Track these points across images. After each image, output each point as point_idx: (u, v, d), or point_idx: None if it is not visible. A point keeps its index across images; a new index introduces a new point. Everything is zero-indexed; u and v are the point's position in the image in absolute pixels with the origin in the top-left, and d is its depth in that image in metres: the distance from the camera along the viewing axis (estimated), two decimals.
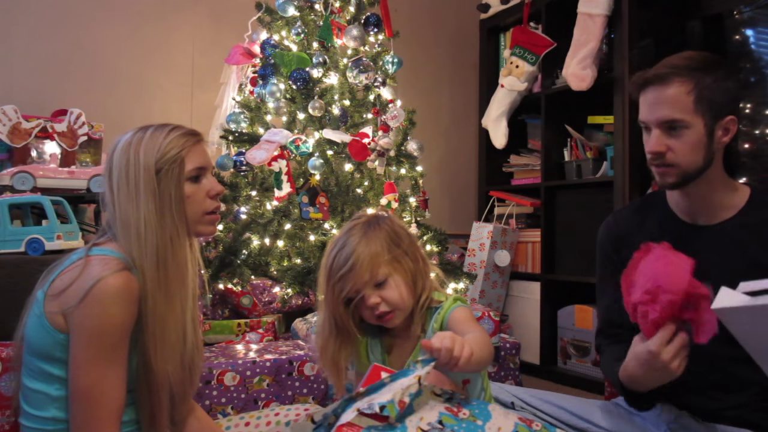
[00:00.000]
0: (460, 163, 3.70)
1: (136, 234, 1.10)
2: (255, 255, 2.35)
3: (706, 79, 1.24)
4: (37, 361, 1.07)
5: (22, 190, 2.00)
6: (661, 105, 1.25)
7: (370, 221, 1.25)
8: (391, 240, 1.22)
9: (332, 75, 2.48)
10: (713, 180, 1.31)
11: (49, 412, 1.07)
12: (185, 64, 3.01)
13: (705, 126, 1.25)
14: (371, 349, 1.30)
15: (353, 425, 0.92)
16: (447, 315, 1.23)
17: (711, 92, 1.24)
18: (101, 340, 1.02)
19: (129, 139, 1.15)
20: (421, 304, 1.24)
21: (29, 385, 1.08)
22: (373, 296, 1.19)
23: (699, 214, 1.35)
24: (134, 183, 1.11)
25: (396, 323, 1.24)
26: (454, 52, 3.72)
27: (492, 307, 3.14)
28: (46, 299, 1.07)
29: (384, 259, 1.19)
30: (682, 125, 1.24)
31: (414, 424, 0.94)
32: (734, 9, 2.69)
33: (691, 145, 1.25)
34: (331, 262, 1.21)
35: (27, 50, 2.68)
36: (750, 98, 2.64)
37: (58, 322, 1.05)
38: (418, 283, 1.24)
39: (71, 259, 1.10)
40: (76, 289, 1.03)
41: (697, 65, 1.25)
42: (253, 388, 1.64)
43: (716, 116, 1.26)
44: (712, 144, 1.27)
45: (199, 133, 1.21)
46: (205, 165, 1.18)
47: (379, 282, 1.19)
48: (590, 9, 2.83)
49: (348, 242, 1.20)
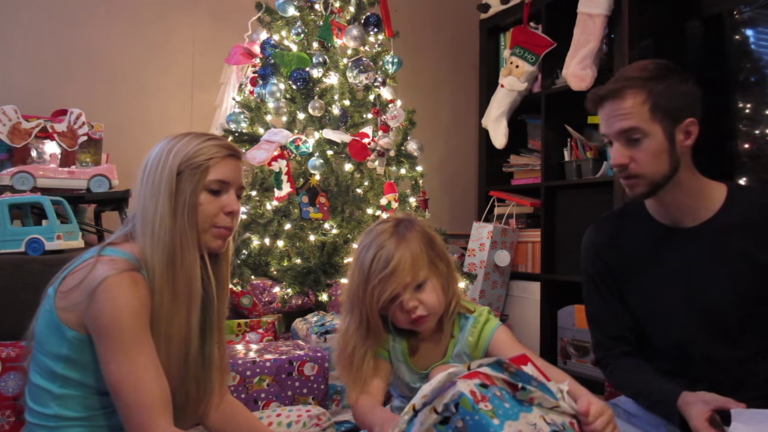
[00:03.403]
0: (460, 163, 3.70)
1: (151, 230, 1.12)
2: (255, 255, 2.35)
3: (659, 86, 1.26)
4: (43, 357, 1.09)
5: (22, 190, 2.00)
6: (618, 117, 1.28)
7: (401, 223, 1.24)
8: (427, 242, 1.23)
9: (332, 75, 2.48)
10: (685, 183, 1.32)
11: (51, 409, 1.07)
12: (185, 64, 3.00)
13: (664, 132, 1.27)
14: (392, 350, 1.29)
15: (488, 376, 0.94)
16: (490, 335, 1.23)
17: (665, 98, 1.26)
18: (118, 330, 1.03)
19: (170, 140, 1.18)
20: (451, 310, 1.24)
21: (34, 381, 1.10)
22: (412, 300, 1.19)
23: (679, 217, 1.36)
24: (159, 181, 1.13)
25: (429, 327, 1.24)
26: (454, 52, 3.72)
27: (492, 307, 3.14)
28: (56, 296, 1.08)
29: (424, 262, 1.19)
30: (641, 134, 1.26)
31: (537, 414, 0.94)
32: (734, 9, 2.69)
33: (653, 153, 1.27)
34: (369, 265, 1.18)
35: (27, 50, 2.68)
36: (750, 98, 2.64)
37: (68, 319, 1.06)
38: (450, 287, 1.24)
39: (83, 258, 1.11)
40: (84, 287, 1.04)
41: (649, 75, 1.28)
42: (253, 388, 1.64)
43: (674, 121, 1.27)
44: (675, 149, 1.28)
45: (238, 150, 1.21)
46: (229, 180, 1.18)
47: (419, 284, 1.19)
48: (590, 9, 2.83)
49: (386, 245, 1.19)
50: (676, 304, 1.35)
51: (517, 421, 0.90)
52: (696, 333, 1.33)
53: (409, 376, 1.29)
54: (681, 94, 1.27)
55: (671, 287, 1.35)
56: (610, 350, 1.44)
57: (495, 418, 0.89)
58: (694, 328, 1.33)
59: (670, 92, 1.26)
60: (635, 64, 1.35)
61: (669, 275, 1.36)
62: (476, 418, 0.88)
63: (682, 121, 1.28)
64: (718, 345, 1.32)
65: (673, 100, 1.26)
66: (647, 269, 1.39)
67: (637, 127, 1.26)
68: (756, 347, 1.30)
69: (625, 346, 1.43)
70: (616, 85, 1.29)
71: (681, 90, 1.28)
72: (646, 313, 1.41)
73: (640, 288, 1.40)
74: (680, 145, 1.29)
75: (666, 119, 1.26)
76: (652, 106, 1.25)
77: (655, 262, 1.38)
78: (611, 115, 1.29)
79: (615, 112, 1.28)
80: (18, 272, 1.57)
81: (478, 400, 0.90)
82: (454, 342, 1.27)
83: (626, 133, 1.27)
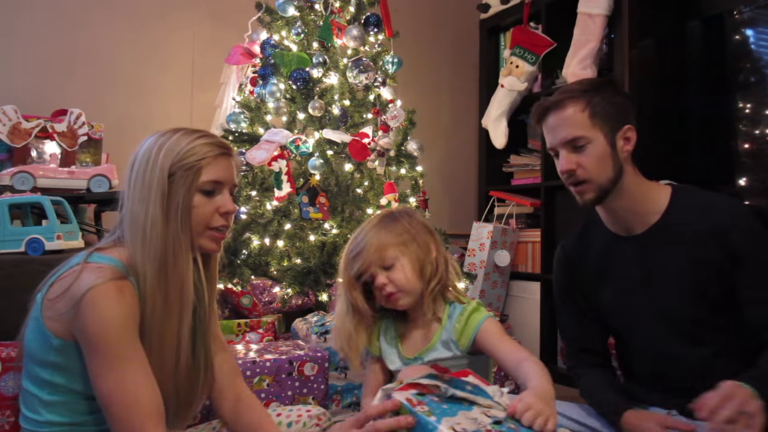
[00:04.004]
0: (460, 163, 3.70)
1: (142, 234, 1.08)
2: (255, 255, 2.35)
3: (596, 97, 1.35)
4: (31, 364, 1.07)
5: (22, 190, 2.00)
6: (561, 127, 1.36)
7: (388, 214, 1.39)
8: (404, 229, 1.34)
9: (332, 75, 2.48)
10: (630, 190, 1.38)
11: (41, 416, 1.06)
12: (185, 64, 3.00)
13: (605, 137, 1.35)
14: (384, 333, 1.40)
15: (423, 385, 1.02)
16: (478, 324, 1.31)
17: (603, 107, 1.35)
18: (104, 343, 1.01)
19: (157, 137, 1.13)
20: (431, 289, 1.33)
21: (25, 387, 1.08)
22: (381, 276, 1.31)
23: (628, 225, 1.42)
24: (149, 182, 1.09)
25: (403, 304, 1.33)
26: (454, 52, 3.72)
27: (492, 307, 3.14)
28: (43, 303, 1.06)
29: (392, 243, 1.31)
30: (585, 141, 1.34)
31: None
32: (734, 9, 2.69)
33: (598, 158, 1.34)
34: (348, 246, 1.35)
35: (27, 50, 2.68)
36: (750, 98, 2.64)
37: (54, 327, 1.04)
38: (426, 269, 1.33)
39: (70, 264, 1.08)
40: (69, 297, 1.02)
41: (587, 87, 1.37)
42: (253, 388, 1.64)
43: (614, 127, 1.36)
44: (617, 154, 1.36)
45: (230, 147, 1.18)
46: (223, 180, 1.15)
47: (387, 265, 1.31)
48: (590, 9, 2.83)
49: (364, 229, 1.35)
50: (640, 310, 1.42)
51: (455, 417, 0.96)
52: (662, 336, 1.39)
53: (397, 363, 1.36)
54: (616, 104, 1.37)
55: (633, 294, 1.42)
56: (580, 361, 1.53)
57: (432, 416, 0.96)
58: (659, 331, 1.40)
59: (607, 102, 1.35)
60: (574, 83, 1.46)
61: (629, 283, 1.42)
62: (415, 419, 0.96)
63: (620, 127, 1.36)
64: (684, 346, 1.38)
65: (610, 108, 1.35)
66: (609, 279, 1.45)
67: (581, 135, 1.34)
68: (717, 345, 1.35)
69: (593, 358, 1.52)
70: (558, 97, 1.38)
71: (616, 100, 1.37)
72: (616, 321, 1.48)
73: (606, 298, 1.47)
74: (621, 150, 1.36)
75: (605, 126, 1.35)
76: (591, 113, 1.34)
77: (614, 271, 1.44)
78: (555, 125, 1.38)
79: (558, 122, 1.37)
80: (18, 272, 1.57)
81: (415, 405, 0.98)
82: (441, 329, 1.34)
83: (571, 141, 1.35)
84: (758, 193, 2.58)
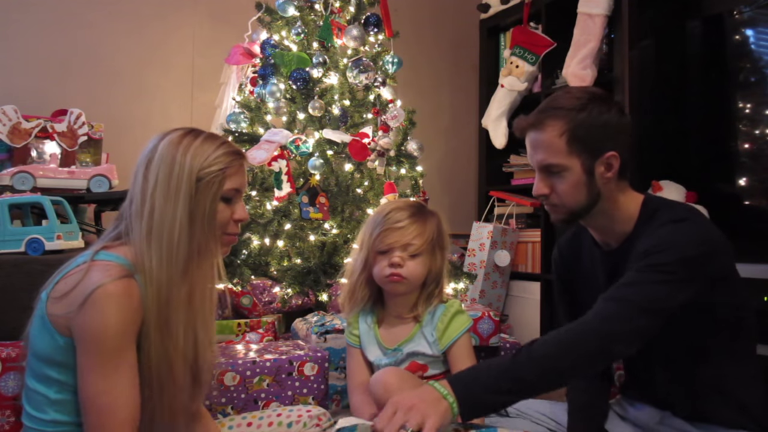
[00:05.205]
0: (460, 163, 3.70)
1: (168, 235, 1.08)
2: (255, 255, 2.35)
3: (581, 115, 1.26)
4: (38, 362, 1.07)
5: (22, 190, 2.01)
6: (538, 150, 1.30)
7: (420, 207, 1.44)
8: (437, 232, 1.42)
9: (332, 75, 2.48)
10: (608, 211, 1.33)
11: (48, 415, 1.06)
12: (185, 64, 3.00)
13: (582, 165, 1.27)
14: (364, 317, 1.48)
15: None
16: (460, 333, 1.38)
17: (584, 130, 1.25)
18: (102, 347, 1.01)
19: (179, 138, 1.13)
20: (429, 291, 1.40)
21: (30, 386, 1.08)
22: (401, 258, 1.36)
23: (606, 239, 1.39)
24: (176, 182, 1.09)
25: (400, 290, 1.40)
26: (454, 52, 3.72)
27: (492, 307, 3.14)
28: (48, 301, 1.06)
29: (426, 239, 1.38)
30: (560, 168, 1.28)
31: None
32: (734, 9, 2.69)
33: (572, 185, 1.28)
34: (385, 214, 1.39)
35: (27, 50, 2.68)
36: (750, 98, 2.64)
37: (60, 325, 1.04)
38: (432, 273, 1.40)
39: (77, 262, 1.08)
40: (76, 295, 1.02)
41: (573, 104, 1.27)
42: (253, 388, 1.64)
43: (594, 154, 1.27)
44: (594, 182, 1.28)
45: (244, 154, 1.20)
46: (240, 188, 1.17)
47: (414, 253, 1.37)
48: (590, 9, 2.83)
49: (407, 208, 1.40)
50: None
51: None
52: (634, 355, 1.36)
53: (375, 353, 1.43)
54: (602, 125, 1.27)
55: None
56: None
57: None
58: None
59: (590, 123, 1.26)
60: (562, 91, 1.36)
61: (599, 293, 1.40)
62: None
63: (602, 154, 1.27)
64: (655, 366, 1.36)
65: (592, 131, 1.26)
66: (590, 289, 1.43)
67: (556, 162, 1.27)
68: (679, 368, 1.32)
69: None
70: (539, 115, 1.30)
71: (601, 121, 1.27)
72: None
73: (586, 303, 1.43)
74: (600, 177, 1.28)
75: (584, 153, 1.26)
76: (570, 138, 1.25)
77: (595, 282, 1.42)
78: (533, 146, 1.32)
79: (536, 144, 1.30)
80: (18, 272, 1.57)
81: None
82: (421, 325, 1.41)
83: (546, 167, 1.29)
84: (758, 193, 2.58)
